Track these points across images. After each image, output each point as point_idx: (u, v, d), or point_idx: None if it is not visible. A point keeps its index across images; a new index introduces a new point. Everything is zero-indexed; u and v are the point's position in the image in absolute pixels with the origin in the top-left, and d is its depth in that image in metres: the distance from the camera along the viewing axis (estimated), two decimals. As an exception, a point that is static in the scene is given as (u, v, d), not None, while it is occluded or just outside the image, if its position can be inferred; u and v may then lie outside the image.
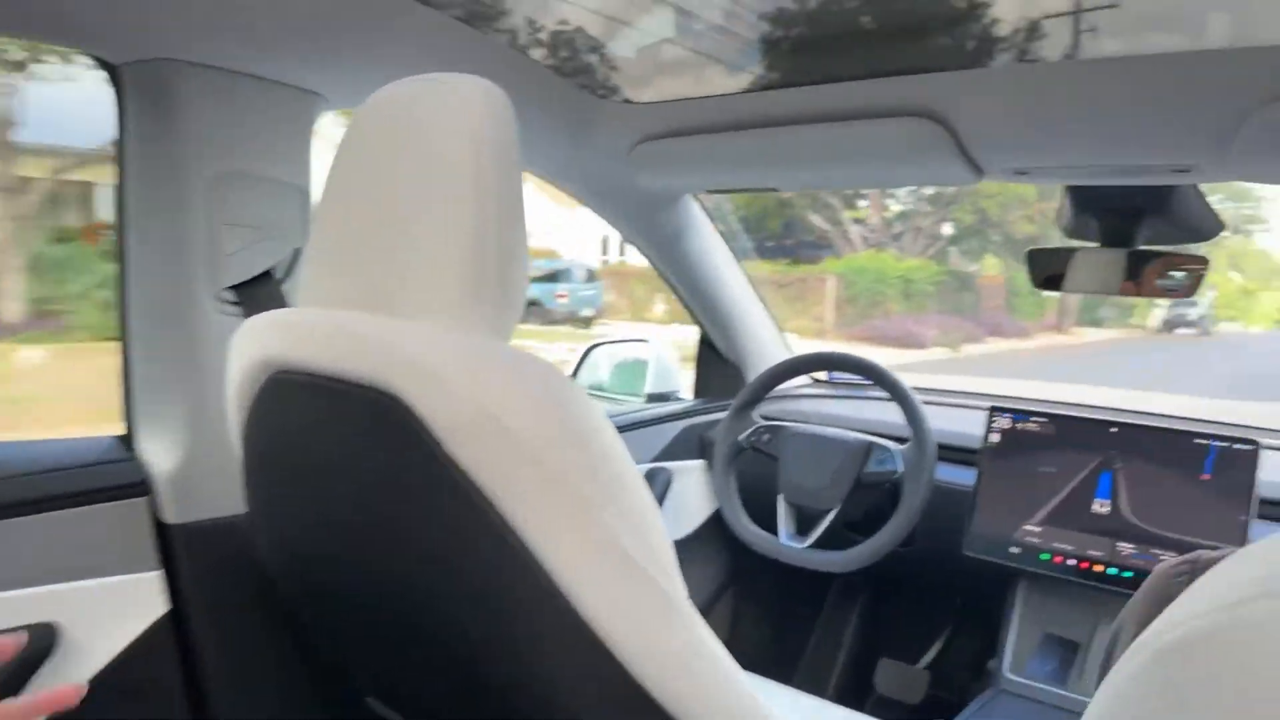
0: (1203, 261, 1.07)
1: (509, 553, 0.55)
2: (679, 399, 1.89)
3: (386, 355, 0.58)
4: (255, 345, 0.69)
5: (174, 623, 0.90)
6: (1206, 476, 1.18)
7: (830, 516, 1.45)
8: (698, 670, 0.60)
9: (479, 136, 0.62)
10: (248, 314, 0.91)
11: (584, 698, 0.58)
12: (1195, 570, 0.54)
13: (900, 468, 1.41)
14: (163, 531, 0.90)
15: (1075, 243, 1.25)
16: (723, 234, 1.65)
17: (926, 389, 1.69)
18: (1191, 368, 12.80)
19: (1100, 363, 12.19)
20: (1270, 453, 1.17)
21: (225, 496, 0.90)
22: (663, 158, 1.25)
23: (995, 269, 19.36)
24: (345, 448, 0.63)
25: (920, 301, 15.99)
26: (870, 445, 1.45)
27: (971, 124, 0.99)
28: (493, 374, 0.57)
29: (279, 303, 0.93)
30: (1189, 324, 20.55)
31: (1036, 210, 17.14)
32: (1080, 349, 16.39)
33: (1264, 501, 1.14)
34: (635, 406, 1.80)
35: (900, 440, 1.45)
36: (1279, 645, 0.27)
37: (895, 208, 18.11)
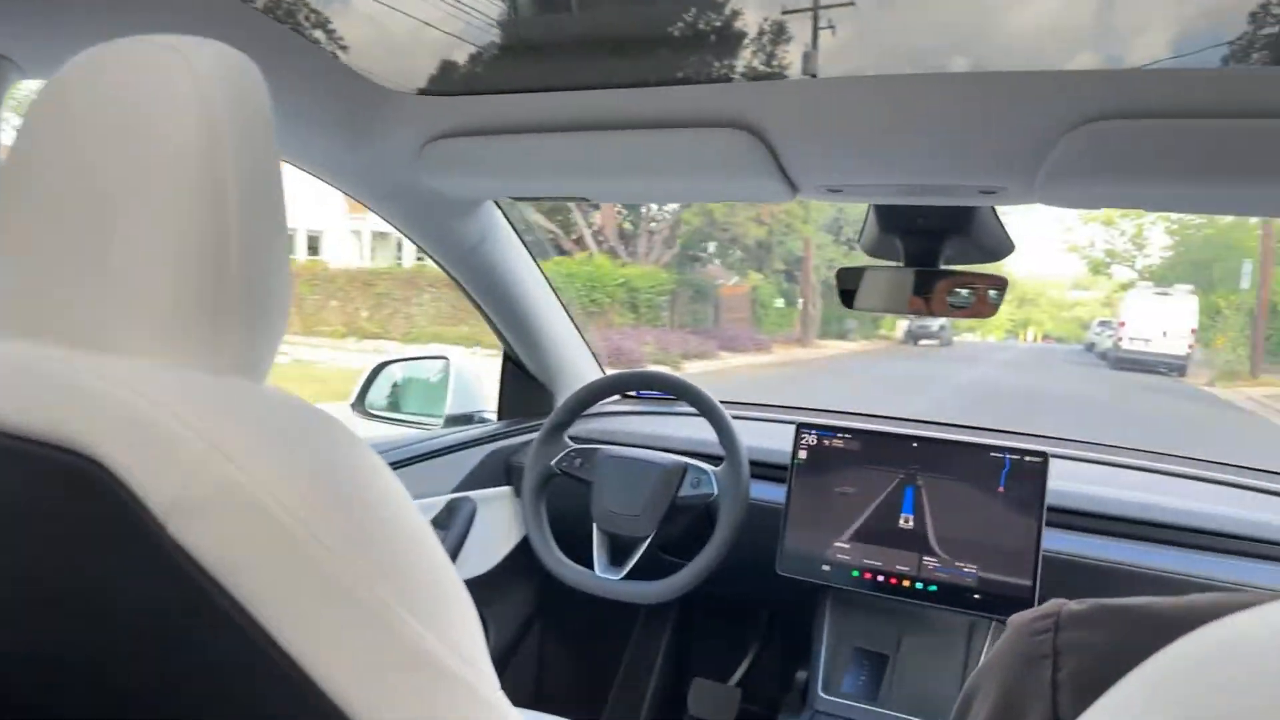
0: (1003, 281, 1.10)
1: (265, 667, 0.41)
2: (483, 420, 1.75)
3: (86, 407, 0.42)
4: None
5: None
6: (1001, 489, 1.23)
7: (645, 545, 1.38)
8: None
9: (215, 113, 0.47)
10: None
11: None
12: (1059, 624, 0.49)
13: (715, 490, 1.36)
14: None
15: (879, 261, 1.26)
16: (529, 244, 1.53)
17: (736, 403, 1.67)
18: (924, 379, 13.27)
19: (820, 384, 12.04)
20: (1057, 461, 1.23)
21: None
22: (458, 159, 1.12)
23: (750, 280, 18.91)
24: (21, 516, 0.45)
25: (654, 313, 14.78)
26: (685, 467, 1.39)
27: (787, 138, 0.95)
28: (238, 430, 0.43)
29: None
30: (931, 335, 23.02)
31: (765, 213, 16.90)
32: (821, 362, 16.46)
33: (1050, 509, 1.20)
34: (434, 431, 1.64)
35: (714, 460, 1.41)
36: None
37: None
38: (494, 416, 1.79)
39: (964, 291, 1.17)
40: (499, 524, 1.63)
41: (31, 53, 0.79)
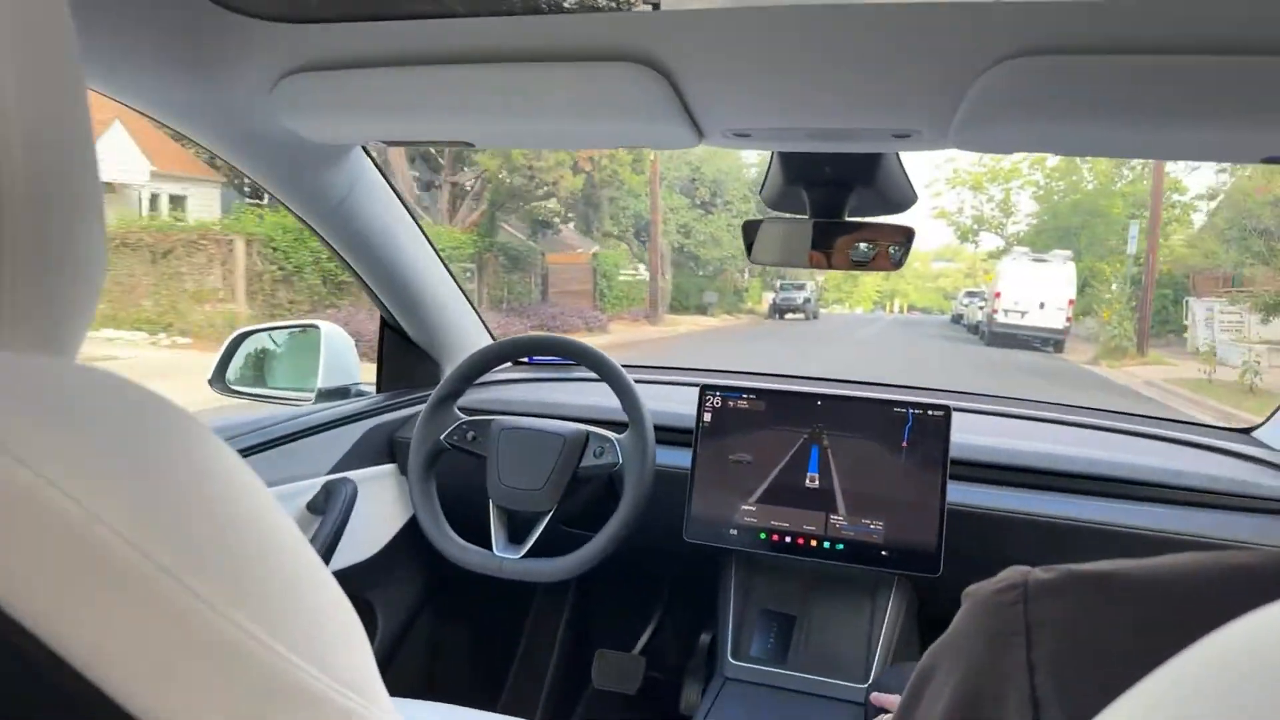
0: (911, 232, 1.07)
1: (65, 700, 0.30)
2: (360, 394, 1.61)
3: None
4: None
5: None
6: (905, 444, 1.22)
7: (546, 520, 1.30)
8: None
9: None
10: None
11: None
12: (1028, 595, 0.45)
13: (620, 459, 1.29)
14: None
15: (784, 214, 1.20)
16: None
17: (637, 366, 1.61)
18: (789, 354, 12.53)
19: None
20: (959, 415, 1.23)
21: None
22: (317, 96, 0.97)
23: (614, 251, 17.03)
24: None
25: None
26: (588, 436, 1.32)
27: (693, 74, 0.87)
28: (28, 419, 0.32)
29: None
30: (796, 309, 22.65)
31: (584, 158, 14.62)
32: (670, 341, 14.84)
33: (953, 462, 1.20)
34: (305, 407, 1.48)
35: (617, 427, 1.34)
36: None
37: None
38: (372, 389, 1.65)
39: (864, 246, 1.13)
40: (383, 505, 1.51)
41: None
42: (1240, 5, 0.65)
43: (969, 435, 1.29)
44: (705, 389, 1.34)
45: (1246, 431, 1.43)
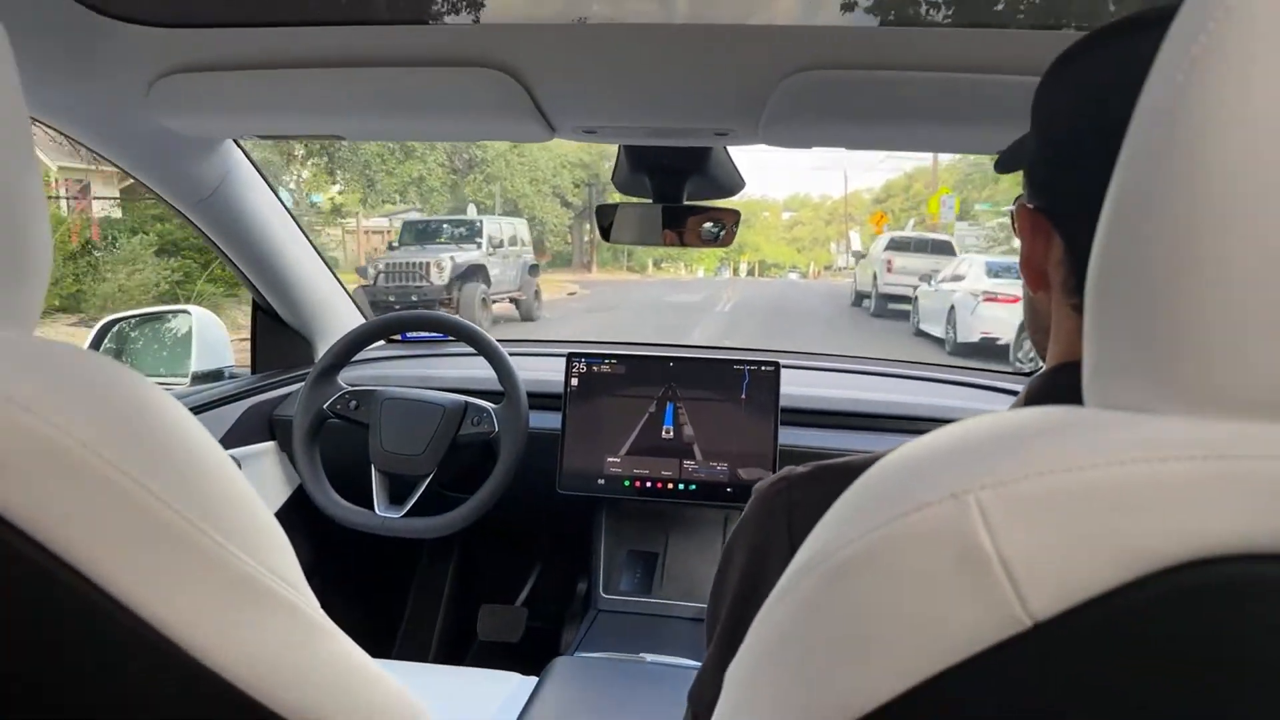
0: (736, 214, 1.25)
1: (86, 610, 0.41)
2: (234, 376, 1.65)
3: None
4: None
5: None
6: (744, 396, 1.41)
7: (425, 483, 1.41)
8: (348, 682, 0.53)
9: None
10: None
11: None
12: (790, 484, 0.61)
13: (496, 427, 1.42)
14: None
15: (632, 199, 1.36)
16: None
17: (509, 340, 1.73)
18: None
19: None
20: (787, 371, 1.44)
21: None
22: (192, 96, 1.04)
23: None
24: None
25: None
26: (466, 405, 1.43)
27: (542, 80, 1.00)
28: (29, 379, 0.42)
29: None
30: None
31: None
32: None
33: (783, 410, 1.40)
34: (181, 390, 1.52)
35: (492, 396, 1.46)
36: (918, 561, 0.31)
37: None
38: (245, 372, 1.70)
39: (711, 225, 1.32)
40: (265, 481, 1.57)
41: None
42: (960, 38, 0.85)
43: (797, 387, 1.51)
44: (571, 356, 1.48)
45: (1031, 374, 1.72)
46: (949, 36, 0.87)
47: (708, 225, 1.33)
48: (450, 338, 1.57)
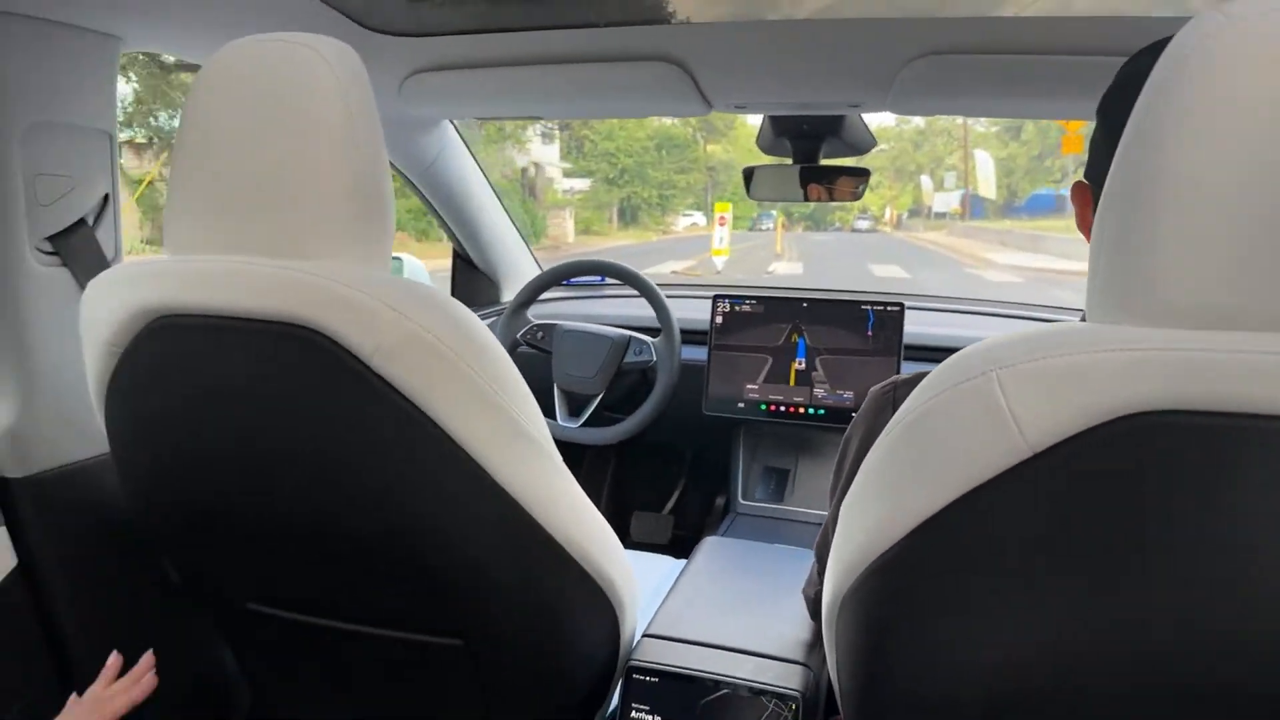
0: (867, 173, 1.45)
1: (437, 444, 0.69)
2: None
3: (302, 292, 0.66)
4: (128, 293, 0.71)
5: (24, 577, 0.90)
6: (869, 334, 1.61)
7: (597, 400, 1.70)
8: (578, 511, 0.81)
9: (348, 100, 0.70)
10: (65, 263, 0.89)
11: (493, 545, 0.74)
12: (895, 386, 0.82)
13: (654, 357, 1.69)
14: (3, 486, 0.88)
15: (774, 159, 1.57)
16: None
17: (667, 284, 1.99)
18: None
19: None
20: (911, 312, 1.62)
21: (66, 445, 0.90)
22: (435, 90, 1.33)
23: None
24: (254, 377, 0.69)
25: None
26: (630, 339, 1.71)
27: (705, 69, 1.23)
28: (410, 301, 0.69)
29: (95, 249, 0.91)
30: None
31: None
32: None
33: (907, 348, 1.59)
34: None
35: (652, 332, 1.73)
36: (960, 414, 0.48)
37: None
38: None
39: (849, 178, 1.52)
40: None
41: (134, 31, 0.95)
42: (1057, 25, 1.02)
43: (919, 326, 1.69)
44: (717, 298, 1.72)
45: None
46: (1047, 24, 1.03)
47: (843, 179, 1.53)
48: (614, 280, 1.85)
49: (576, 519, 0.80)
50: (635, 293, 1.74)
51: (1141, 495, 0.41)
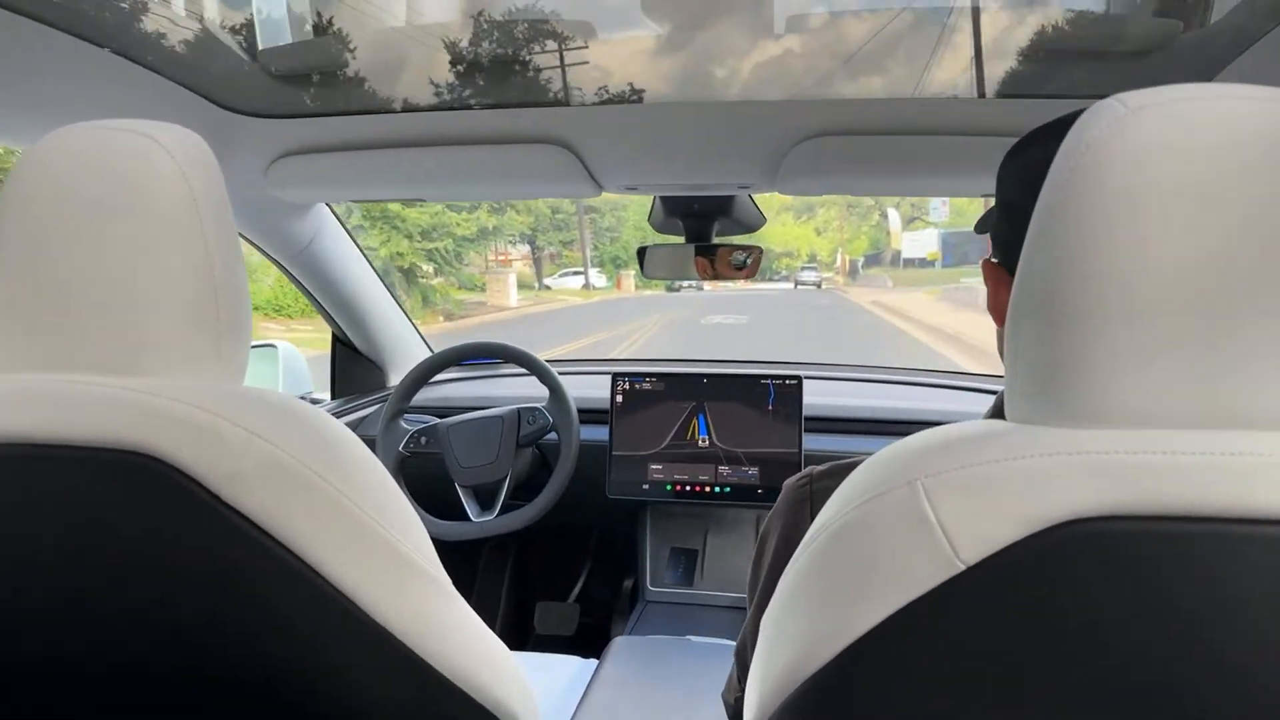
0: (759, 250, 1.44)
1: (307, 584, 0.60)
2: (315, 400, 1.87)
3: (145, 415, 0.57)
4: None
5: None
6: (770, 407, 1.59)
7: (506, 483, 1.60)
8: (467, 637, 0.72)
9: (195, 192, 0.63)
10: None
11: (377, 686, 0.66)
12: (813, 479, 0.79)
13: (550, 419, 1.61)
14: None
15: (669, 238, 1.56)
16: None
17: (557, 360, 1.93)
18: None
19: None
20: (809, 382, 1.62)
21: None
22: (304, 174, 1.25)
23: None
24: (77, 518, 0.59)
25: None
26: (519, 410, 1.63)
27: (593, 151, 1.20)
28: (264, 417, 0.60)
29: None
30: None
31: None
32: None
33: (807, 419, 1.58)
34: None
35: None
36: (886, 527, 0.46)
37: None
38: (325, 396, 1.91)
39: (740, 255, 1.51)
40: None
41: None
42: (941, 107, 1.04)
43: (820, 397, 1.68)
44: (616, 376, 1.67)
45: None
46: (932, 105, 1.05)
47: (735, 256, 1.52)
48: (499, 360, 1.77)
49: (465, 648, 0.71)
50: (525, 371, 1.67)
51: (1086, 605, 0.39)
